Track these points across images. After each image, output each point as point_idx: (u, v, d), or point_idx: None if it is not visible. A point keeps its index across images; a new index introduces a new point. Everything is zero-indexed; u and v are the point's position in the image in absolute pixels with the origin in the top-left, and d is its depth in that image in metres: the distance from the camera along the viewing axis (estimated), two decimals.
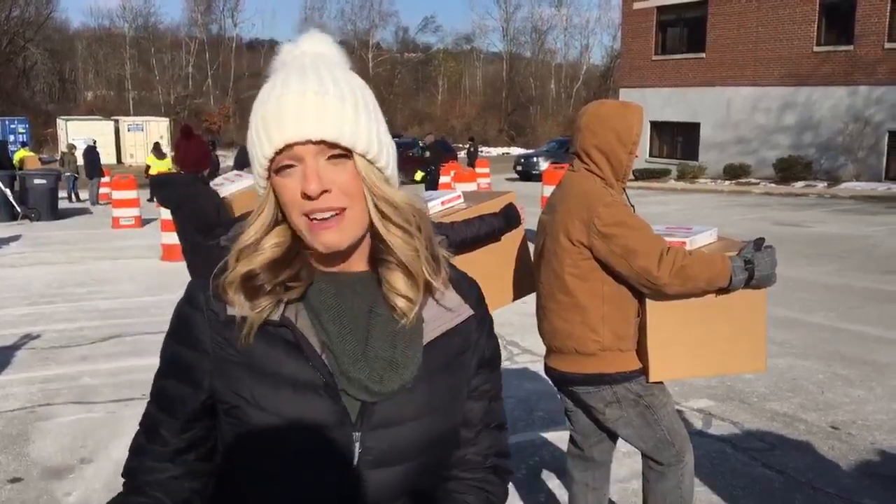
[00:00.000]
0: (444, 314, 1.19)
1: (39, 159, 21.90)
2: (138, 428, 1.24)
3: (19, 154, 22.06)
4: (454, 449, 1.25)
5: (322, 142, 1.06)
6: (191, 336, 1.16)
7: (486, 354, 1.27)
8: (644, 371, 2.72)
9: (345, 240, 1.09)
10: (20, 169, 19.65)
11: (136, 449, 1.22)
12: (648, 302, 2.66)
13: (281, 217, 1.13)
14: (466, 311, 1.22)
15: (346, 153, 1.07)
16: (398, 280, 1.14)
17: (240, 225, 1.18)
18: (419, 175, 20.17)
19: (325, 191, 1.06)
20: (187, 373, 1.17)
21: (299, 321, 1.12)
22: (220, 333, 1.14)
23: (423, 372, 1.15)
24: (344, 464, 1.12)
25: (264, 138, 1.08)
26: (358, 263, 1.16)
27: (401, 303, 1.14)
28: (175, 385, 1.18)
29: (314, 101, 1.06)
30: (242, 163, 11.34)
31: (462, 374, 1.22)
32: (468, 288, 1.26)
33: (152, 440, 1.20)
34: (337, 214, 1.07)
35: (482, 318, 1.26)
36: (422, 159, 22.00)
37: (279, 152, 1.06)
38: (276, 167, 1.08)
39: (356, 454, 1.12)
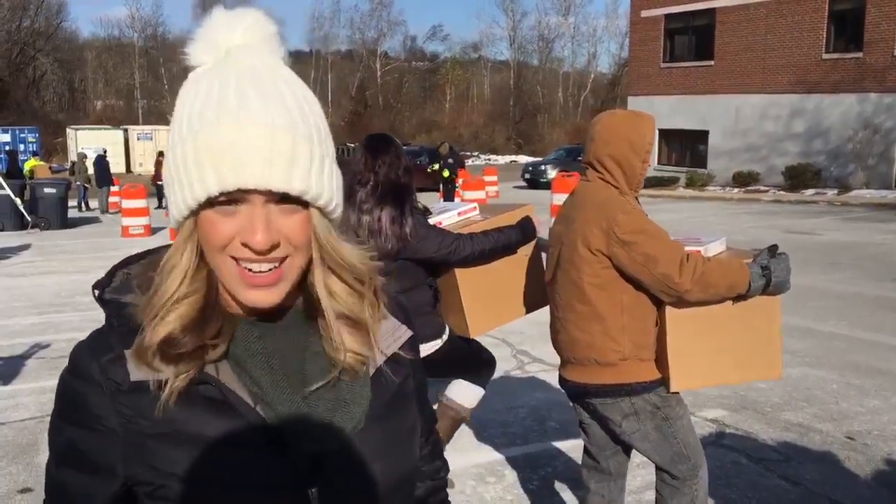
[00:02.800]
0: (382, 342, 1.05)
1: (49, 168, 22.02)
2: None
3: (30, 163, 22.25)
4: (413, 488, 1.15)
5: (284, 193, 0.89)
6: (88, 414, 0.95)
7: (419, 372, 1.17)
8: (663, 381, 2.69)
9: (276, 298, 0.93)
10: (30, 178, 19.78)
11: None
12: (667, 310, 2.64)
13: (199, 258, 0.94)
14: (405, 333, 1.10)
15: (302, 204, 0.92)
16: (343, 334, 0.99)
17: (144, 265, 1.01)
18: (445, 172, 20.25)
19: (274, 245, 0.90)
20: (91, 460, 0.96)
21: (221, 374, 0.96)
22: (127, 405, 0.94)
23: (374, 409, 1.01)
24: None
25: (209, 171, 0.88)
26: (285, 303, 0.98)
27: (341, 357, 0.99)
28: (77, 477, 0.98)
29: (284, 142, 0.89)
30: None
31: (410, 401, 1.11)
32: (396, 306, 1.11)
33: None
34: (276, 267, 0.91)
35: (413, 337, 1.13)
36: (434, 173, 22.02)
37: (224, 193, 0.88)
38: (211, 202, 0.89)
39: None
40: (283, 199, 0.90)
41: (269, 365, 0.97)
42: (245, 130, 0.87)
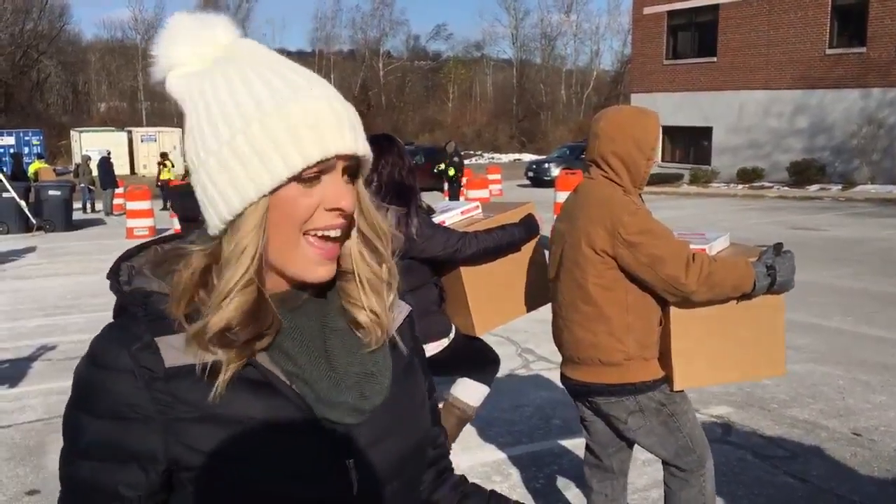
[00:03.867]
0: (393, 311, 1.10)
1: (54, 171, 22.08)
2: None
3: (34, 166, 22.30)
4: (427, 454, 1.19)
5: (354, 155, 0.96)
6: (121, 404, 0.94)
7: (420, 350, 1.22)
8: (667, 379, 2.69)
9: (334, 271, 0.99)
10: (35, 181, 19.83)
11: None
12: (672, 310, 2.64)
13: None
14: (406, 308, 1.16)
15: (356, 173, 0.98)
16: (363, 296, 1.03)
17: (138, 261, 1.02)
18: (451, 171, 20.23)
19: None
20: (127, 450, 0.95)
21: (258, 355, 0.98)
22: (162, 391, 0.94)
23: (394, 377, 1.07)
24: (345, 498, 1.00)
25: (308, 139, 0.91)
26: None
27: (363, 317, 1.03)
28: (110, 469, 0.96)
29: (350, 112, 0.96)
30: None
31: (419, 372, 1.17)
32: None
33: None
34: (339, 236, 0.97)
35: (412, 316, 1.19)
36: (438, 172, 22.00)
37: (321, 162, 0.93)
38: (297, 179, 0.93)
39: (355, 484, 1.01)
40: (349, 171, 0.97)
41: (301, 343, 1.00)
42: (328, 102, 0.94)
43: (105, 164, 22.12)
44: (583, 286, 2.64)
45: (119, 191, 21.82)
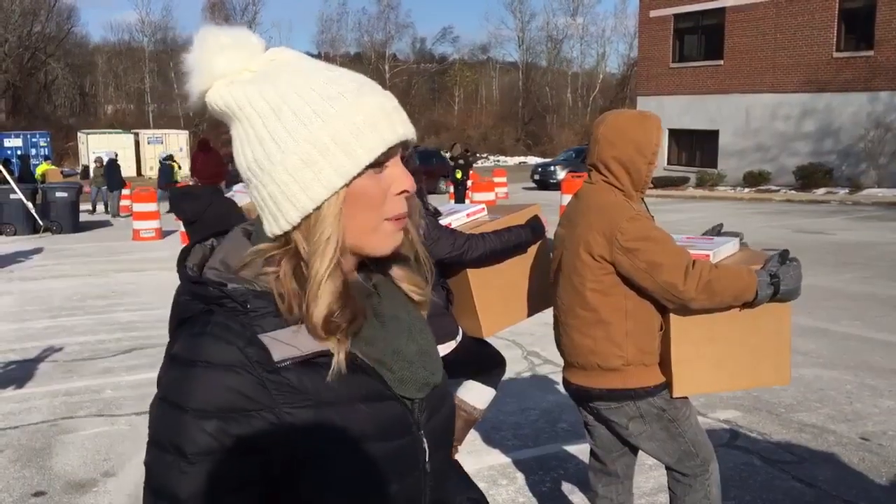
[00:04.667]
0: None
1: (61, 173, 22.14)
2: None
3: (42, 168, 22.37)
4: None
5: (405, 142, 1.05)
6: (237, 398, 0.96)
7: None
8: (667, 385, 2.67)
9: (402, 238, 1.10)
10: (42, 182, 19.90)
11: None
12: (672, 316, 2.61)
13: None
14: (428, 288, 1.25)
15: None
16: (414, 276, 1.15)
17: (250, 252, 1.04)
18: (458, 174, 20.27)
19: None
20: (247, 444, 0.96)
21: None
22: (275, 382, 0.98)
23: None
24: (420, 468, 1.10)
25: (384, 126, 1.00)
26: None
27: (417, 296, 1.15)
28: (229, 466, 0.96)
29: (394, 100, 1.05)
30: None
31: None
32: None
33: None
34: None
35: None
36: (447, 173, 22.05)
37: (386, 151, 1.01)
38: (369, 166, 1.00)
39: (427, 453, 1.11)
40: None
41: (373, 326, 1.07)
42: (385, 95, 1.03)
43: (111, 165, 22.18)
44: (581, 291, 2.62)
45: (126, 192, 21.89)
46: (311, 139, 0.98)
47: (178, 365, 0.99)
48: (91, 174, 23.30)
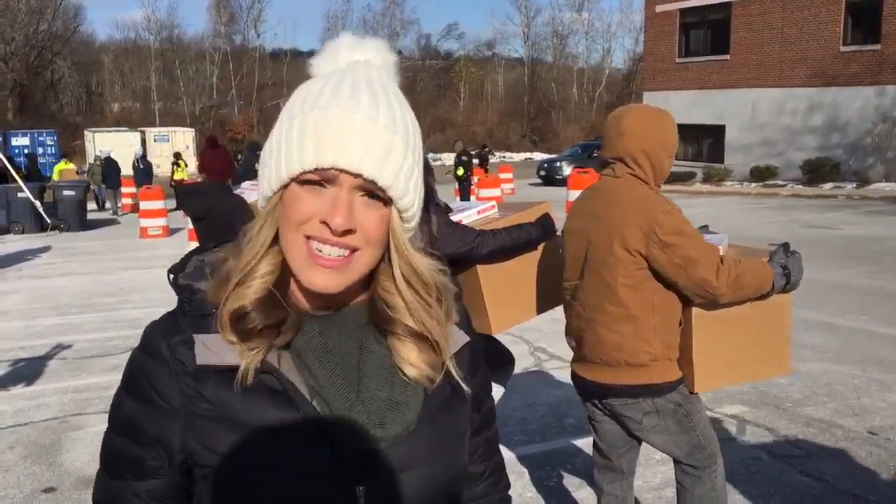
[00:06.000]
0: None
1: (77, 172, 22.16)
2: None
3: (59, 167, 22.35)
4: (461, 492, 1.16)
5: (373, 182, 0.94)
6: (152, 391, 1.00)
7: (481, 382, 1.18)
8: (685, 380, 2.68)
9: (338, 286, 0.96)
10: (59, 180, 19.97)
11: None
12: (695, 311, 2.63)
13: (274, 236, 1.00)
14: (462, 338, 1.12)
15: (386, 199, 0.96)
16: (406, 348, 1.02)
17: (215, 252, 1.06)
18: (460, 171, 20.25)
19: (350, 230, 0.94)
20: (148, 434, 1.00)
21: (283, 365, 0.99)
22: (189, 386, 0.98)
23: (426, 410, 1.03)
24: None
25: (310, 148, 0.93)
26: (344, 297, 1.02)
27: (412, 372, 1.02)
28: (132, 448, 1.02)
29: (383, 137, 0.94)
30: (250, 167, 11.35)
31: (464, 408, 1.12)
32: (459, 314, 1.14)
33: None
34: (345, 255, 0.95)
35: (474, 345, 1.16)
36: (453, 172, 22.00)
37: (320, 170, 0.93)
38: (302, 179, 0.95)
39: None
40: (369, 193, 0.95)
41: (327, 360, 1.01)
42: (351, 117, 0.94)
43: (110, 164, 22.13)
44: (612, 287, 2.59)
45: (125, 190, 21.95)
46: (283, 132, 0.98)
47: (136, 348, 1.05)
48: (87, 171, 23.26)
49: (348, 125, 0.93)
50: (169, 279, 1.05)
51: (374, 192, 0.95)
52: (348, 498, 0.98)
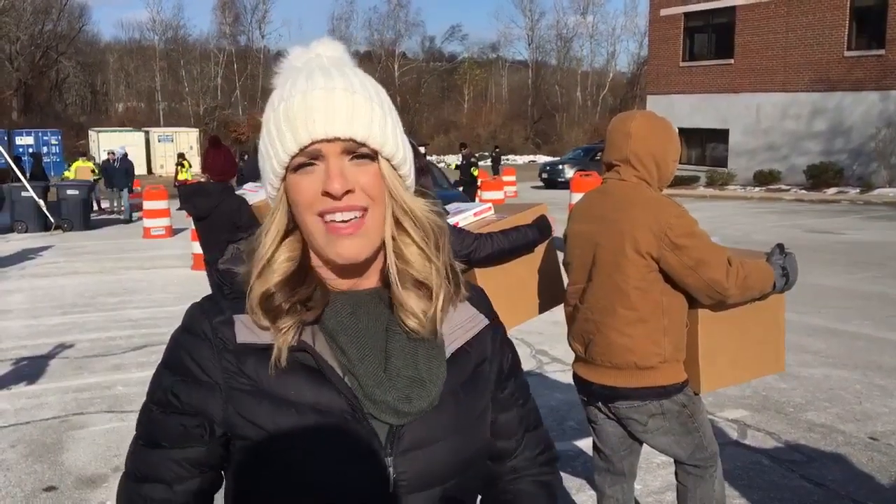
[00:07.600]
0: (460, 327, 1.15)
1: (92, 171, 22.13)
2: (127, 479, 1.13)
3: (76, 164, 22.31)
4: (485, 466, 1.21)
5: (350, 140, 1.01)
6: (196, 366, 1.07)
7: (505, 364, 1.23)
8: (691, 381, 2.70)
9: (364, 250, 1.03)
10: (74, 179, 19.98)
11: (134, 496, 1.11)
12: (701, 312, 2.64)
13: (292, 224, 1.07)
14: (482, 322, 1.19)
15: (372, 155, 1.03)
16: (410, 298, 1.08)
17: (250, 239, 1.12)
18: (475, 171, 20.22)
19: (349, 190, 1.00)
20: (192, 404, 1.07)
21: (317, 344, 1.06)
22: (231, 362, 1.06)
23: (449, 388, 1.10)
24: (379, 493, 1.05)
25: (288, 135, 1.01)
26: (370, 279, 1.11)
27: (412, 322, 1.08)
28: (176, 418, 1.08)
29: (343, 99, 1.01)
30: (255, 169, 11.49)
31: (485, 386, 1.18)
32: (478, 298, 1.22)
33: (155, 479, 1.09)
34: (358, 217, 1.02)
35: (496, 328, 1.22)
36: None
37: (303, 149, 1.01)
38: (294, 166, 1.02)
39: (391, 481, 1.05)
40: (355, 155, 1.02)
41: (357, 340, 1.07)
42: (311, 94, 1.01)
43: (110, 164, 22.09)
44: (624, 290, 2.58)
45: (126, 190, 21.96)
46: (265, 134, 1.06)
47: (177, 329, 1.13)
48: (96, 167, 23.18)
49: (310, 102, 1.01)
50: (218, 272, 1.13)
51: (360, 153, 1.02)
52: (379, 470, 1.05)
